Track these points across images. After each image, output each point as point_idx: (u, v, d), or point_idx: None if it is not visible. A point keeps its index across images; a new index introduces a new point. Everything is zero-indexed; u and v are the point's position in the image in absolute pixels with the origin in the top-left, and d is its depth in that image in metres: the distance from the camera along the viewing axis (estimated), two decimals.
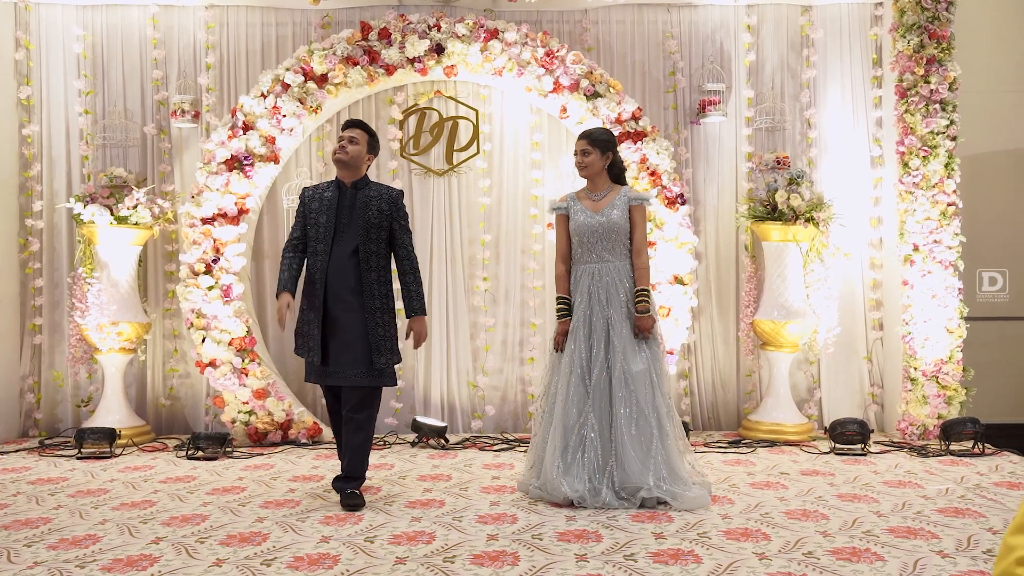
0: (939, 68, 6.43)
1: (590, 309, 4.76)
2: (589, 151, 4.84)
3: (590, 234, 4.81)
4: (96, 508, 4.61)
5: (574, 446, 4.64)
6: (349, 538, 4.04)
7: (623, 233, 4.78)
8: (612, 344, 4.68)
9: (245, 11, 6.84)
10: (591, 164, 4.86)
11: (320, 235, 4.63)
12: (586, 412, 4.64)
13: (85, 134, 6.77)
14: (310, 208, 4.72)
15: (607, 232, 4.77)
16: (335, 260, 4.60)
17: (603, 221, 4.77)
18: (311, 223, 4.70)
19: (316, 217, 4.67)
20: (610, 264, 4.79)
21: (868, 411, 6.88)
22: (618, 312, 4.71)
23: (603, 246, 4.80)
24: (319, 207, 4.69)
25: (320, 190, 4.78)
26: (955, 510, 4.48)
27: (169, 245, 6.82)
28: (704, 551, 3.79)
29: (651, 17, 6.97)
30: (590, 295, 4.78)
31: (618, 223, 4.76)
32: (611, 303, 4.73)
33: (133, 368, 6.76)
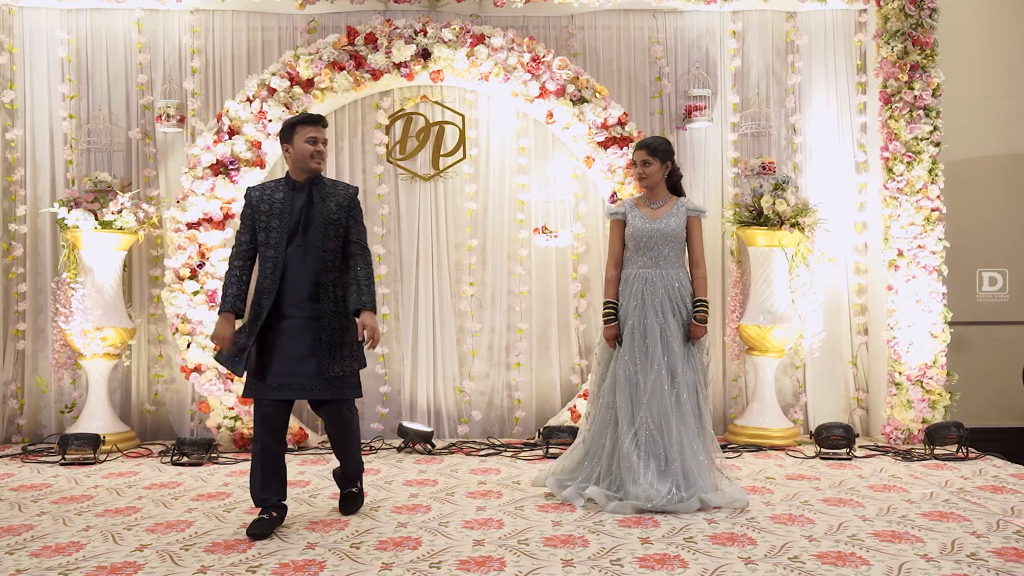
0: (923, 74, 6.47)
1: (644, 314, 4.80)
2: (650, 161, 4.88)
3: (647, 239, 4.86)
4: (80, 515, 4.58)
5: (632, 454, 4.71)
6: (335, 544, 4.02)
7: (679, 241, 4.85)
8: (671, 349, 4.74)
9: (231, 15, 6.81)
10: (652, 174, 4.90)
11: (272, 240, 4.26)
12: (640, 418, 4.69)
13: (69, 138, 6.74)
14: (259, 211, 4.31)
15: (665, 239, 4.83)
16: (290, 264, 4.25)
17: (662, 228, 4.83)
18: (261, 227, 4.29)
19: (267, 221, 4.28)
20: (664, 271, 4.85)
21: (853, 415, 6.91)
22: (673, 318, 4.78)
23: (659, 252, 4.86)
24: (269, 209, 4.29)
25: (268, 191, 4.37)
26: (939, 514, 4.50)
27: (154, 250, 6.78)
28: (690, 556, 3.80)
29: (637, 23, 6.99)
30: (643, 299, 4.82)
31: (676, 231, 4.83)
32: (665, 310, 4.79)
33: (118, 374, 6.72)
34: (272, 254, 4.24)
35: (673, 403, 4.67)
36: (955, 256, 6.64)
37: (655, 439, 4.64)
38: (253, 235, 4.32)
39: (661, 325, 4.76)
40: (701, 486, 4.59)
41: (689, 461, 4.62)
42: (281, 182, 4.39)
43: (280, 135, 4.38)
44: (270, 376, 4.20)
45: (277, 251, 4.23)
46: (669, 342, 4.74)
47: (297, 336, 4.23)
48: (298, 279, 4.25)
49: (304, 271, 4.25)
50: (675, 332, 4.75)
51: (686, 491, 4.56)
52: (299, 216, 4.29)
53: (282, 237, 4.25)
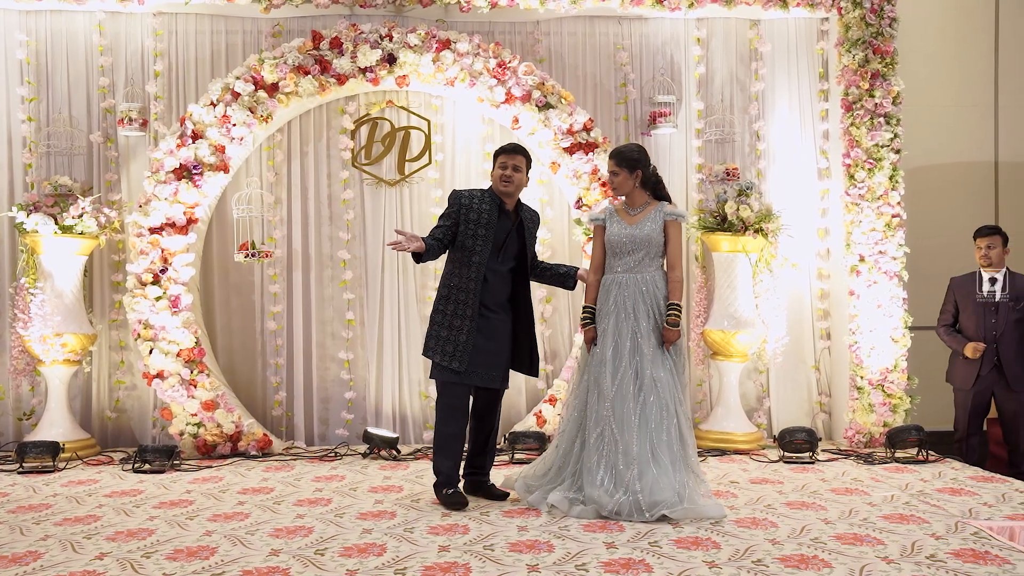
0: (883, 82, 6.57)
1: (617, 319, 4.81)
2: (617, 171, 4.91)
3: (623, 245, 4.89)
4: (38, 524, 4.51)
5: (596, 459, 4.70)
6: (299, 551, 3.99)
7: (655, 246, 4.85)
8: (642, 352, 4.73)
9: (194, 18, 6.76)
10: (620, 185, 4.93)
11: (477, 246, 4.82)
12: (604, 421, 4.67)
13: (28, 142, 6.64)
14: (467, 217, 4.86)
15: (640, 244, 4.84)
16: (494, 275, 4.88)
17: (636, 233, 4.84)
18: (468, 233, 4.84)
19: (474, 229, 4.83)
20: (638, 275, 4.85)
21: (816, 419, 6.97)
22: (646, 322, 4.77)
23: (635, 257, 4.86)
24: (477, 219, 4.85)
25: (477, 200, 4.92)
26: (900, 516, 4.55)
27: (116, 255, 6.70)
28: (655, 560, 3.81)
29: (602, 29, 7.02)
30: (617, 305, 4.84)
31: (651, 236, 4.83)
32: (638, 313, 4.79)
33: (78, 380, 6.63)
34: (477, 260, 4.85)
35: (637, 408, 4.65)
36: (915, 261, 6.73)
37: (616, 443, 4.64)
38: (454, 232, 4.89)
39: (632, 329, 4.76)
40: (667, 499, 4.45)
41: (649, 469, 4.54)
42: (487, 197, 4.97)
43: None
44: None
45: (480, 258, 4.85)
46: (640, 346, 4.74)
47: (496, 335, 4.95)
48: (498, 287, 4.93)
49: (506, 281, 4.97)
50: (647, 336, 4.75)
51: (645, 498, 4.47)
52: (501, 235, 4.92)
53: (486, 248, 4.86)
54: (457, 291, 4.83)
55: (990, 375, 5.96)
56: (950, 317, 6.19)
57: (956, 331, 6.14)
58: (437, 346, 4.81)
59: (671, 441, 4.65)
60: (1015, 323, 5.94)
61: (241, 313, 6.81)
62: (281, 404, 6.78)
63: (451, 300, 4.83)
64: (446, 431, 4.86)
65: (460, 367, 4.76)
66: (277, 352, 6.80)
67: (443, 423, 4.87)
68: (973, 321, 6.03)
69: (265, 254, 6.47)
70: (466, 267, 4.82)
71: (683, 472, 4.61)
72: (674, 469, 4.60)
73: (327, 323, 6.85)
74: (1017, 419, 5.95)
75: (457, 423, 4.88)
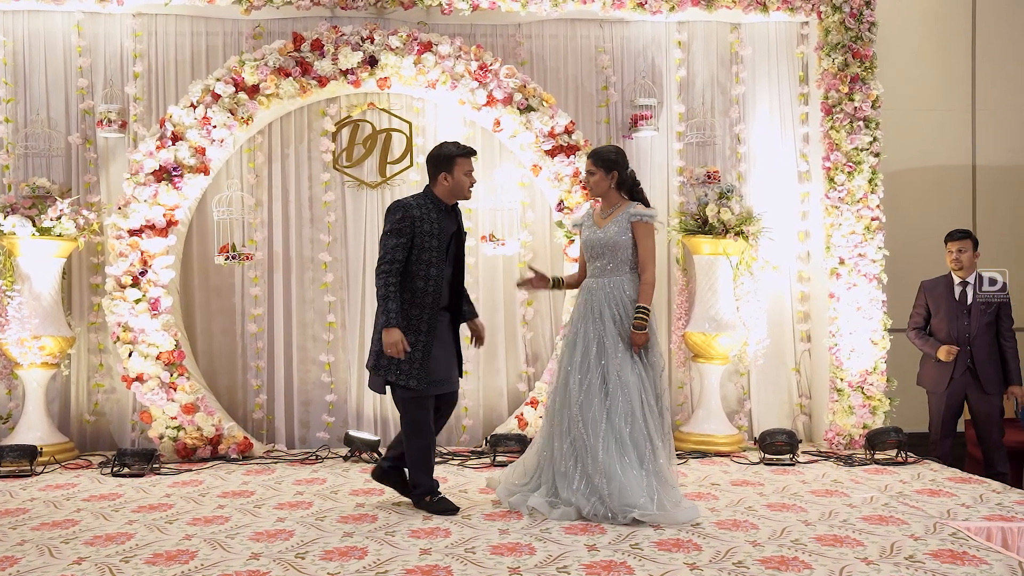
0: (862, 86, 6.62)
1: (586, 323, 4.81)
2: (593, 171, 4.89)
3: (590, 249, 4.89)
4: (14, 528, 4.46)
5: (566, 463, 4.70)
6: (280, 555, 3.98)
7: (623, 249, 4.79)
8: (608, 356, 4.70)
9: (174, 19, 6.72)
10: (596, 184, 4.90)
11: (433, 258, 4.66)
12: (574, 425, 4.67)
13: (6, 143, 6.58)
14: (420, 230, 4.65)
15: (605, 247, 4.81)
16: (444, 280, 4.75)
17: (602, 237, 4.82)
18: (424, 246, 4.65)
19: (428, 240, 4.64)
20: (607, 279, 4.83)
21: (796, 421, 7.01)
22: (611, 326, 4.74)
23: (602, 261, 4.85)
24: (429, 229, 4.65)
25: (425, 210, 4.71)
26: (879, 517, 4.58)
27: (95, 257, 6.65)
28: (636, 562, 3.82)
29: (584, 32, 7.03)
30: (586, 309, 4.84)
31: (615, 239, 4.78)
32: (604, 317, 4.76)
33: (56, 383, 6.58)
34: (435, 272, 4.68)
35: (603, 413, 4.63)
36: (895, 264, 6.78)
37: (586, 448, 4.63)
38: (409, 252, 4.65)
39: (599, 333, 4.74)
40: (637, 503, 4.43)
41: (616, 473, 4.51)
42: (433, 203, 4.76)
43: (437, 163, 4.75)
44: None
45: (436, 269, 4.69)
46: (606, 350, 4.71)
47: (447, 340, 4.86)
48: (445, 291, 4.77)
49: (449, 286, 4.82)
50: (614, 340, 4.72)
51: (615, 503, 4.45)
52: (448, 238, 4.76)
53: (441, 256, 4.71)
54: (410, 306, 4.63)
55: (963, 377, 6.00)
56: (921, 320, 6.23)
57: (927, 334, 6.19)
58: (391, 364, 4.62)
59: (639, 444, 4.61)
60: (987, 326, 5.99)
61: (221, 316, 6.78)
62: (262, 407, 6.75)
63: (403, 315, 4.62)
64: (419, 445, 4.75)
65: (418, 385, 4.62)
66: (258, 355, 6.77)
67: (413, 439, 4.74)
68: (946, 324, 6.07)
69: (246, 256, 6.44)
70: (421, 280, 4.63)
71: (652, 475, 4.57)
72: (644, 472, 4.57)
73: (308, 326, 6.82)
74: (990, 421, 6.00)
75: (426, 437, 4.76)
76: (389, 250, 4.60)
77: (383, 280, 4.57)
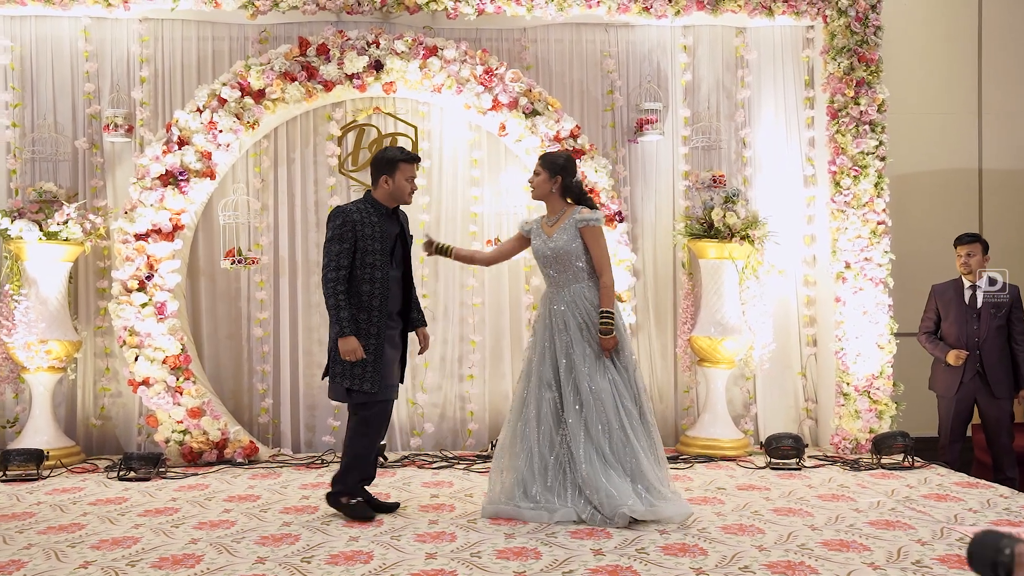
0: (868, 90, 6.61)
1: (550, 337, 4.78)
2: (539, 172, 4.87)
3: (543, 259, 4.86)
4: (21, 532, 4.47)
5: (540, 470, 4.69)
6: (286, 559, 3.98)
7: (574, 256, 4.75)
8: (576, 367, 4.68)
9: (180, 24, 6.73)
10: (538, 185, 4.88)
11: (377, 261, 4.67)
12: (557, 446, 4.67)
13: (13, 148, 6.60)
14: (362, 234, 4.65)
15: (556, 257, 4.78)
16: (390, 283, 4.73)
17: (552, 246, 4.79)
18: (367, 250, 4.65)
19: (371, 244, 4.65)
20: (564, 289, 4.80)
21: (803, 426, 6.99)
22: (576, 335, 4.72)
23: (556, 270, 4.82)
24: (372, 233, 4.66)
25: (366, 215, 4.70)
26: (886, 522, 4.57)
27: (101, 261, 6.67)
28: (642, 567, 3.82)
29: (589, 36, 7.04)
30: (550, 320, 4.81)
31: (565, 248, 4.75)
32: (568, 327, 4.74)
33: (62, 387, 6.59)
34: (379, 275, 4.67)
35: (580, 423, 4.61)
36: (901, 268, 6.76)
37: (571, 462, 4.61)
38: (352, 257, 4.66)
39: (566, 345, 4.72)
40: (627, 504, 4.44)
41: (600, 482, 4.51)
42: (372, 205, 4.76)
43: (379, 166, 4.76)
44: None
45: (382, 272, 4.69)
46: (574, 362, 4.69)
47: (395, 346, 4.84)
48: (395, 296, 4.78)
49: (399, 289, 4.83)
50: (581, 349, 4.69)
51: (606, 510, 4.46)
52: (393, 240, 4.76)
53: (385, 259, 4.71)
54: (358, 310, 4.63)
55: (973, 382, 5.99)
56: (932, 324, 6.22)
57: (938, 338, 6.17)
58: (345, 370, 4.62)
59: (618, 452, 4.60)
60: (997, 330, 5.98)
61: (227, 320, 6.78)
62: (268, 411, 6.75)
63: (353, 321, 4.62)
64: (363, 444, 4.74)
65: (372, 388, 4.62)
66: (264, 359, 6.77)
67: (359, 438, 4.73)
68: (955, 328, 6.06)
69: (251, 260, 6.45)
70: (367, 283, 4.64)
71: (638, 479, 4.57)
72: (629, 478, 4.57)
73: (314, 330, 6.82)
74: (1000, 426, 5.99)
75: (374, 443, 4.80)
76: (333, 257, 4.64)
77: (331, 288, 4.62)
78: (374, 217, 4.71)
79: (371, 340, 4.63)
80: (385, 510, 4.86)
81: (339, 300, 4.59)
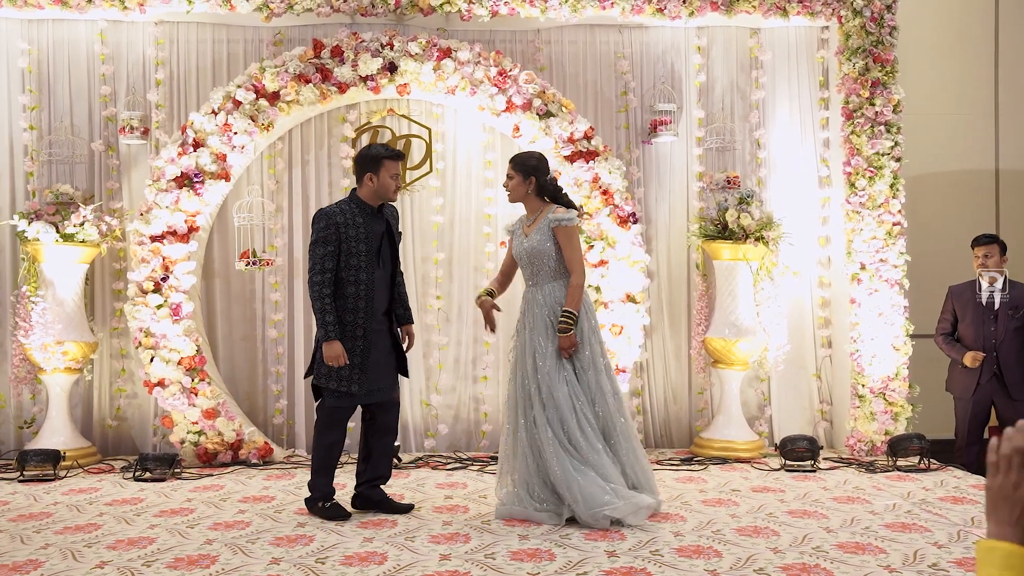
0: (884, 91, 6.58)
1: (526, 336, 4.81)
2: (512, 175, 4.91)
3: (519, 259, 4.92)
4: (38, 532, 4.50)
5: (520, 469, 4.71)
6: (300, 560, 3.99)
7: (547, 256, 4.77)
8: (538, 368, 4.70)
9: (196, 27, 6.76)
10: (513, 189, 4.93)
11: (362, 263, 4.68)
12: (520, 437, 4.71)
13: (30, 150, 6.64)
14: (347, 235, 4.66)
15: (531, 256, 4.82)
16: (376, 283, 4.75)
17: (527, 246, 4.83)
18: (351, 251, 4.66)
19: (355, 246, 4.66)
20: (538, 288, 4.84)
21: (818, 428, 6.96)
22: (542, 335, 4.74)
23: (531, 270, 4.86)
24: (356, 234, 4.67)
25: (349, 215, 4.71)
26: (902, 525, 4.55)
27: (117, 263, 6.70)
28: (656, 568, 3.81)
29: (603, 38, 7.03)
30: (524, 320, 4.85)
31: (538, 247, 4.77)
32: (536, 327, 4.77)
33: (79, 388, 6.63)
34: (364, 276, 4.68)
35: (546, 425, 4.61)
36: (916, 269, 6.73)
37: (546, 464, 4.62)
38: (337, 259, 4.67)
39: (534, 345, 4.74)
40: (603, 500, 4.45)
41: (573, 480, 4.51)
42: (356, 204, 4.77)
43: (364, 164, 4.76)
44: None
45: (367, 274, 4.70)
46: (537, 364, 4.70)
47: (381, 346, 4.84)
48: (383, 296, 4.81)
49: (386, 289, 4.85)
50: (543, 350, 4.70)
51: (584, 509, 4.45)
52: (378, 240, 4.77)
53: (371, 260, 4.72)
54: (344, 312, 4.65)
55: (990, 384, 5.95)
56: (948, 326, 6.19)
57: (955, 340, 6.14)
58: (331, 371, 4.66)
59: (580, 449, 4.58)
60: (1015, 331, 5.94)
61: (242, 321, 6.81)
62: (282, 412, 6.77)
63: (339, 323, 4.65)
64: (329, 442, 4.83)
65: (359, 391, 4.68)
66: (278, 360, 6.79)
67: (325, 434, 4.81)
68: (972, 329, 6.02)
69: (266, 262, 6.46)
70: (352, 285, 4.66)
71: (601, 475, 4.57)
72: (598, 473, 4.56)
73: None
74: None
75: (340, 442, 4.90)
76: (318, 260, 4.65)
77: (317, 292, 4.63)
78: (359, 218, 4.72)
79: (358, 342, 4.65)
80: (400, 511, 4.87)
81: (324, 304, 4.60)
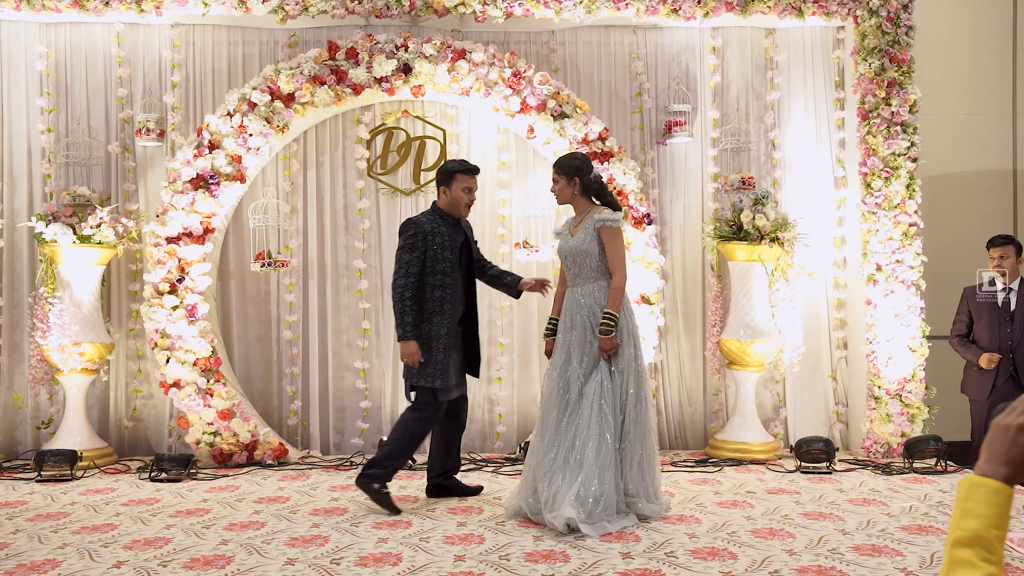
0: (900, 91, 6.54)
1: (566, 332, 4.82)
2: (556, 179, 4.94)
3: (564, 258, 4.93)
4: (56, 532, 4.53)
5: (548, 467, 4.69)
6: (315, 560, 4.00)
7: (591, 256, 4.78)
8: (572, 366, 4.72)
9: (211, 30, 6.79)
10: (559, 192, 4.96)
11: (448, 268, 4.97)
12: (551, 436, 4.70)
13: (47, 152, 6.68)
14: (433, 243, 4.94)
15: (575, 256, 4.83)
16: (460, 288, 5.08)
17: (572, 245, 4.85)
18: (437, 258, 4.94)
19: (440, 253, 4.94)
20: (579, 288, 4.84)
21: (833, 429, 6.93)
22: (580, 335, 4.75)
23: (575, 270, 4.86)
24: (441, 243, 4.95)
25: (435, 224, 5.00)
26: (918, 527, 4.52)
27: (133, 264, 6.74)
28: (671, 571, 3.80)
29: (617, 39, 7.02)
30: (565, 319, 4.86)
31: (581, 247, 4.78)
32: (575, 326, 4.78)
33: (95, 389, 6.67)
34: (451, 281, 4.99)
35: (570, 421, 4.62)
36: (933, 270, 6.69)
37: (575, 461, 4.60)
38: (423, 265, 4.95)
39: (569, 343, 4.76)
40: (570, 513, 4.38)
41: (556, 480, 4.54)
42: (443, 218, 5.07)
43: (439, 177, 5.08)
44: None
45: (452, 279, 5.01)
46: (571, 360, 4.73)
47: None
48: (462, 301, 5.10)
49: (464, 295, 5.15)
50: (579, 349, 4.72)
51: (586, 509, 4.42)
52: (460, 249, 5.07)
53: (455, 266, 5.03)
54: (431, 314, 4.94)
55: (1006, 386, 5.91)
56: (963, 327, 6.15)
57: (970, 341, 6.10)
58: (436, 371, 4.93)
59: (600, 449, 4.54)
60: None
61: (257, 322, 6.83)
62: (297, 413, 6.79)
63: (426, 322, 4.94)
64: (414, 436, 5.08)
65: (442, 385, 4.93)
66: (293, 361, 6.82)
67: (415, 428, 5.08)
68: (988, 331, 5.98)
69: (281, 263, 6.48)
70: (439, 289, 4.95)
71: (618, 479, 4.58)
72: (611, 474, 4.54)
73: (343, 332, 6.86)
74: None
75: (424, 432, 5.16)
76: (404, 264, 4.93)
77: (399, 294, 4.89)
78: (443, 227, 5.01)
79: (441, 341, 4.92)
80: (473, 493, 5.32)
81: (405, 305, 4.87)
